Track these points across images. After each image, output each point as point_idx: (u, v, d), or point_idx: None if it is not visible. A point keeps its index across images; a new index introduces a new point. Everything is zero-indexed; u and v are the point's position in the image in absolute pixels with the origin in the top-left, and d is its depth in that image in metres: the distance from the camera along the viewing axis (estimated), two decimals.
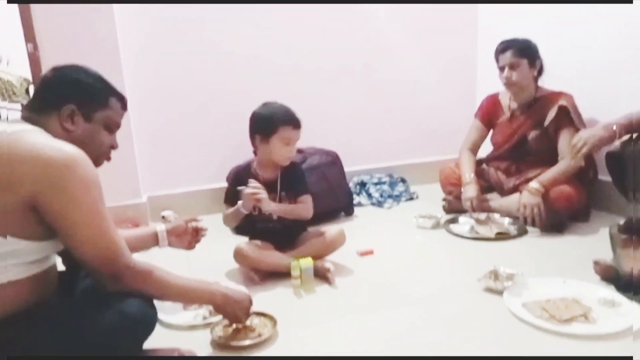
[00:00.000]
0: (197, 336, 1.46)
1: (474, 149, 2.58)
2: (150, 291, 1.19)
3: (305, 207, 1.91)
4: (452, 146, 2.72)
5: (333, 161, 2.56)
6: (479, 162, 2.58)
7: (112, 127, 1.24)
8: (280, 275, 1.81)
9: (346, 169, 2.69)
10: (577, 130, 2.18)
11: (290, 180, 1.93)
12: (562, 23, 2.50)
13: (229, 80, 2.70)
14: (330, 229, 1.99)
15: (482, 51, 3.04)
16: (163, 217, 2.33)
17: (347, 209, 2.58)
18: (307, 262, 1.74)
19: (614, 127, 1.70)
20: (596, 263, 1.69)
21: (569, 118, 2.23)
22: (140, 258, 1.19)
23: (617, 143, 1.80)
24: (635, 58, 2.17)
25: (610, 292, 1.55)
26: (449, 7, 3.02)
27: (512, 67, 2.28)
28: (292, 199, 1.92)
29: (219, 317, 1.46)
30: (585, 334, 1.34)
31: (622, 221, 1.65)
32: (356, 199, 2.76)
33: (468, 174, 2.44)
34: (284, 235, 1.93)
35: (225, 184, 2.62)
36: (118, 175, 2.46)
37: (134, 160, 2.52)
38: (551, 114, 2.26)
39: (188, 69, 2.64)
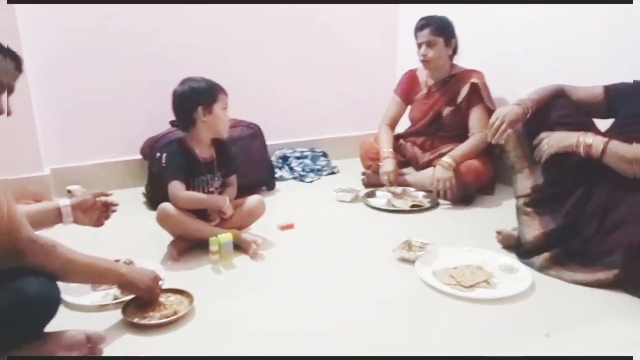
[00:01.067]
0: (108, 317, 1.39)
1: (393, 124, 2.66)
2: (54, 267, 1.12)
3: (234, 189, 1.97)
4: (372, 121, 2.77)
5: (254, 134, 2.52)
6: (396, 138, 2.67)
7: (1, 88, 1.12)
8: (198, 250, 1.77)
9: (268, 142, 2.65)
10: (486, 107, 2.33)
11: (224, 159, 1.95)
12: (479, 4, 2.60)
13: (143, 49, 2.52)
14: (249, 199, 1.96)
15: (402, 27, 3.09)
16: (69, 191, 2.16)
17: (268, 182, 2.56)
18: (227, 237, 1.71)
19: (527, 103, 1.76)
20: (498, 233, 1.82)
21: (479, 95, 2.35)
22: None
23: None
24: (542, 40, 2.31)
25: (510, 259, 1.69)
26: None
27: (429, 44, 2.35)
28: (225, 177, 1.97)
29: (132, 296, 1.40)
30: (487, 298, 1.46)
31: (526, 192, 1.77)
32: (278, 172, 2.74)
33: (386, 148, 2.51)
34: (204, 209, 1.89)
35: (138, 157, 2.52)
36: (16, 146, 2.25)
37: (33, 129, 2.30)
38: (464, 91, 2.38)
39: (98, 34, 2.42)
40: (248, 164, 2.38)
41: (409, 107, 2.65)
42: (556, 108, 1.77)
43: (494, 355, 1.22)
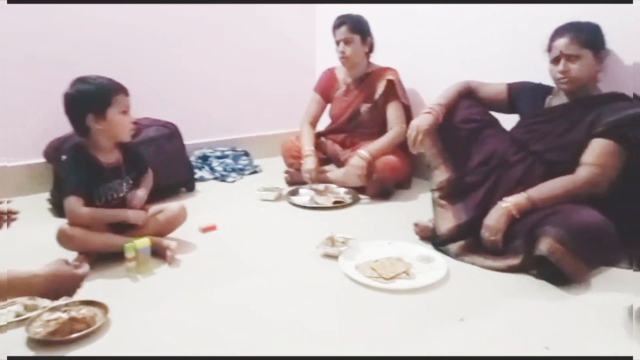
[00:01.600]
0: (10, 337, 1.27)
1: (314, 122, 2.69)
2: None
3: (147, 188, 1.88)
4: (294, 119, 2.78)
5: (172, 133, 2.42)
6: (317, 135, 2.70)
7: None
8: (113, 259, 1.67)
9: (187, 142, 2.57)
10: (401, 102, 2.42)
11: (132, 162, 1.83)
12: (392, 4, 2.70)
13: (46, 44, 2.33)
14: (170, 206, 1.89)
15: (320, 25, 3.13)
16: None
17: (188, 183, 2.48)
18: (144, 243, 1.63)
19: (438, 109, 1.89)
20: (416, 225, 1.91)
21: (395, 92, 2.45)
22: None
23: None
24: (451, 40, 2.45)
25: (426, 249, 1.77)
26: None
27: (347, 42, 2.42)
28: (137, 180, 1.86)
29: (37, 312, 1.29)
30: (407, 288, 1.52)
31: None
32: (198, 173, 2.66)
33: (307, 146, 2.53)
34: None
35: (42, 160, 2.32)
36: None
37: None
38: (380, 87, 2.47)
39: None
40: (165, 165, 2.30)
41: (329, 105, 2.69)
42: (461, 109, 1.90)
43: (416, 342, 1.27)
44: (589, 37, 1.70)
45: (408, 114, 2.48)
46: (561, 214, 1.55)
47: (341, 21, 2.44)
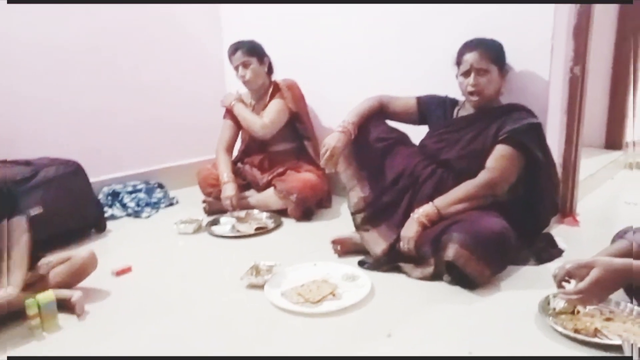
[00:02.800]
0: None
1: (229, 148, 2.64)
2: None
3: (22, 250, 1.55)
4: (208, 147, 2.71)
5: (75, 171, 2.24)
6: (234, 162, 2.65)
7: None
8: (14, 318, 1.49)
9: (94, 179, 2.41)
10: (286, 105, 2.48)
11: None
12: (292, 23, 2.74)
13: None
14: (77, 253, 1.71)
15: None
16: None
17: (97, 224, 2.31)
18: (47, 297, 1.48)
19: (349, 127, 1.94)
20: (334, 242, 1.91)
21: (281, 93, 2.51)
22: None
23: None
24: (352, 56, 2.53)
25: (350, 267, 1.78)
26: (191, 8, 2.99)
27: (245, 65, 2.45)
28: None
29: None
30: (334, 310, 1.51)
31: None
32: (108, 211, 2.50)
33: (225, 173, 2.48)
34: None
35: None
36: None
37: None
38: (269, 93, 2.52)
39: None
40: (70, 207, 2.14)
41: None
42: (370, 128, 1.96)
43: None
44: (496, 54, 1.83)
45: (303, 124, 2.55)
46: (466, 222, 1.64)
47: (235, 47, 2.47)
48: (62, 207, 2.08)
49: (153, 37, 2.85)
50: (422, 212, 1.74)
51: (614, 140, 3.31)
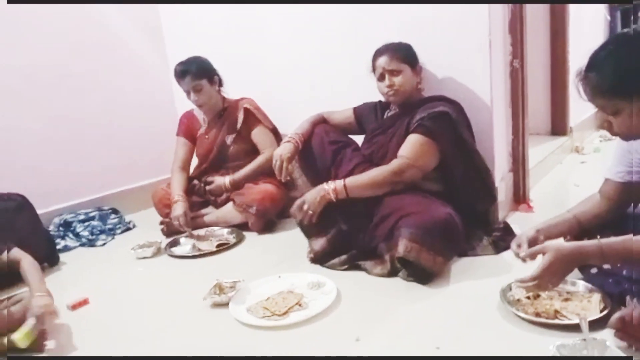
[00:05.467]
0: None
1: (185, 166, 2.58)
2: None
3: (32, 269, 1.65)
4: (163, 166, 2.65)
5: (20, 205, 2.13)
6: (191, 179, 2.60)
7: None
8: None
9: (41, 210, 2.31)
10: (265, 126, 2.47)
11: None
12: (239, 34, 2.71)
13: None
14: (27, 293, 1.63)
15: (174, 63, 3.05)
16: None
17: (49, 258, 2.19)
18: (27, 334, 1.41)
19: (296, 137, 2.01)
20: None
21: (255, 118, 2.48)
22: None
23: None
24: (301, 66, 2.53)
25: (315, 275, 1.76)
26: (134, 28, 2.93)
27: (196, 90, 2.39)
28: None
29: None
30: (301, 320, 1.49)
31: None
32: (60, 243, 2.39)
33: (176, 192, 2.43)
34: None
35: None
36: None
37: None
38: (240, 117, 2.48)
39: None
40: (17, 243, 2.00)
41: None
42: (318, 134, 2.04)
43: None
44: (405, 54, 1.91)
45: (278, 136, 2.51)
46: (413, 214, 1.68)
47: (182, 71, 2.37)
48: (9, 243, 1.97)
49: (97, 60, 2.77)
50: (332, 186, 1.79)
51: (559, 126, 3.45)
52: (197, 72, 2.37)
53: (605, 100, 1.15)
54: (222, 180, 2.43)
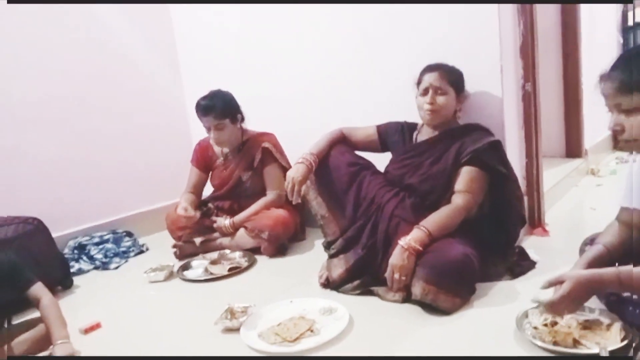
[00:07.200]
0: None
1: (196, 192, 2.60)
2: None
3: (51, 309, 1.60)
4: (176, 189, 2.67)
5: (35, 229, 2.16)
6: (205, 201, 2.61)
7: None
8: None
9: (56, 234, 2.33)
10: (280, 165, 2.45)
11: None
12: (256, 69, 2.76)
13: None
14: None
15: (190, 99, 3.10)
16: None
17: (63, 281, 2.22)
18: None
19: (309, 158, 1.96)
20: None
21: (272, 156, 2.46)
22: None
23: None
24: (310, 96, 2.57)
25: (327, 301, 1.74)
26: (151, 54, 3.00)
27: (218, 128, 2.38)
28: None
29: None
30: (312, 347, 1.47)
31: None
32: (75, 266, 2.41)
33: (183, 200, 2.48)
34: None
35: None
36: None
37: None
38: (257, 156, 2.46)
39: None
40: (34, 266, 2.03)
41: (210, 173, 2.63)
42: (343, 152, 2.01)
43: None
44: (455, 78, 1.89)
45: None
46: (429, 254, 1.64)
47: (205, 109, 2.35)
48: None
49: (114, 85, 2.83)
50: (413, 238, 1.66)
51: (573, 148, 3.42)
52: (220, 111, 2.34)
53: (629, 98, 1.16)
54: (223, 222, 2.43)
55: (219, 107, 2.35)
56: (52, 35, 2.59)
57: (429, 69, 1.89)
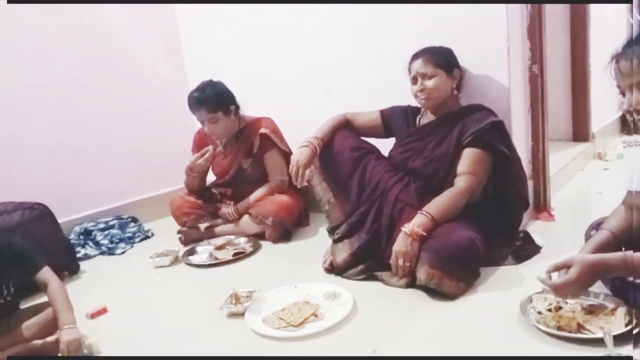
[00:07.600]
0: None
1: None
2: None
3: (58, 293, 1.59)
4: (180, 175, 2.67)
5: (41, 215, 2.17)
6: (208, 187, 2.61)
7: None
8: None
9: (62, 219, 2.35)
10: (281, 150, 2.44)
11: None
12: (258, 54, 2.73)
13: None
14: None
15: (194, 85, 3.08)
16: None
17: (70, 266, 2.23)
18: None
19: (314, 142, 1.95)
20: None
21: (271, 142, 2.44)
22: None
23: None
24: (313, 81, 2.55)
25: (331, 285, 1.74)
26: (154, 41, 2.97)
27: (211, 121, 2.36)
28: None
29: None
30: (317, 332, 1.48)
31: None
32: (81, 251, 2.42)
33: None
34: None
35: None
36: None
37: None
38: (256, 142, 2.44)
39: None
40: (39, 252, 2.04)
41: None
42: (338, 141, 1.98)
43: None
44: (441, 59, 1.86)
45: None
46: (434, 238, 1.63)
47: (198, 102, 2.32)
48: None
49: (117, 70, 2.82)
50: (416, 224, 1.66)
51: (580, 132, 3.38)
52: (212, 104, 2.32)
53: None
54: (227, 210, 2.43)
55: (210, 100, 2.32)
56: (56, 23, 2.57)
57: (414, 56, 1.89)
